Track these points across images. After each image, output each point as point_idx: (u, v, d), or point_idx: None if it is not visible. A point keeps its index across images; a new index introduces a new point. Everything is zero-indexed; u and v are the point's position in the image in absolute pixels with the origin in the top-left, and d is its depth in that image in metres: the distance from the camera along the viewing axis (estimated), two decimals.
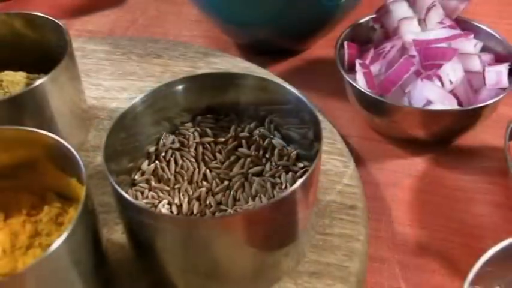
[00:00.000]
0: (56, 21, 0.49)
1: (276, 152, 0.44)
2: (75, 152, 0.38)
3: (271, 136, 0.45)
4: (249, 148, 0.45)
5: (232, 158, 0.44)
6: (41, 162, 0.42)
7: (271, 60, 0.65)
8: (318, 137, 0.39)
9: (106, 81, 0.58)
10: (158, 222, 0.36)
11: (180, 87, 0.44)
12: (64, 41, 0.49)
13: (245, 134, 0.45)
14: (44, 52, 0.52)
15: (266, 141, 0.45)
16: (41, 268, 0.33)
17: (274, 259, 0.39)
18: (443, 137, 0.54)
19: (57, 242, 0.33)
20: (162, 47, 0.62)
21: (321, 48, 0.66)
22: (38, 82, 0.44)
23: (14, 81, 0.49)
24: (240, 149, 0.44)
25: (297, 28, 0.62)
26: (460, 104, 0.52)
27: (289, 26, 0.60)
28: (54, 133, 0.40)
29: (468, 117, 0.51)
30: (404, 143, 0.55)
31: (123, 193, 0.37)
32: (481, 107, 0.50)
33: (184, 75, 0.55)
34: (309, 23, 0.61)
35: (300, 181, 0.36)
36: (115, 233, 0.45)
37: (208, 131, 0.45)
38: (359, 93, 0.53)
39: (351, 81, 0.53)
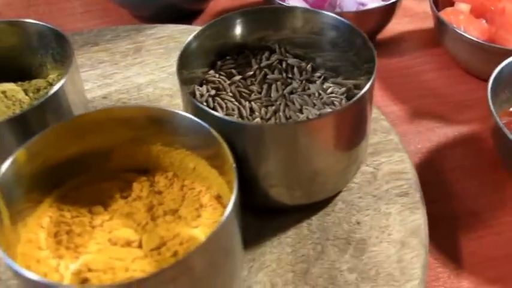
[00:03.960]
0: (42, 23, 0.47)
1: (295, 70, 0.49)
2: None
3: (286, 58, 0.49)
4: (273, 73, 0.49)
5: (265, 86, 0.48)
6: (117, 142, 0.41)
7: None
8: (367, 45, 0.44)
9: None
10: (260, 135, 0.39)
11: (209, 32, 0.46)
12: (43, 42, 0.48)
13: (267, 62, 0.49)
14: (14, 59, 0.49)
15: (284, 64, 0.49)
16: (222, 230, 0.34)
17: (356, 153, 0.44)
18: (371, 34, 0.64)
19: (230, 205, 0.34)
20: (90, 35, 0.61)
21: (219, 1, 0.71)
22: (61, 83, 0.42)
23: (15, 90, 0.46)
24: (268, 77, 0.48)
25: None
26: None
27: None
28: None
29: (391, 10, 0.61)
30: None
31: (224, 116, 0.39)
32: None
33: (132, 51, 0.57)
34: None
35: (370, 81, 0.42)
36: None
37: (233, 70, 0.48)
38: None
39: None
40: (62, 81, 0.43)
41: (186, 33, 0.61)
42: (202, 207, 0.40)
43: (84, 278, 0.35)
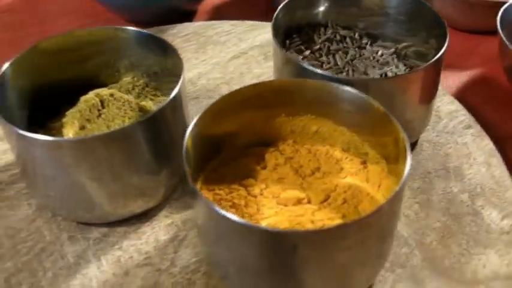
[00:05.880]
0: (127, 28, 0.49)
1: (347, 39, 0.55)
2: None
3: (338, 30, 0.55)
4: (332, 45, 0.54)
5: (330, 56, 0.54)
6: None
7: None
8: (433, 12, 0.51)
9: None
10: (366, 88, 0.44)
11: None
12: (121, 46, 0.50)
13: (325, 36, 0.54)
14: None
15: (338, 35, 0.55)
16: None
17: (434, 101, 0.51)
18: None
19: (409, 154, 0.37)
20: None
21: None
22: (180, 82, 0.44)
23: (117, 92, 0.47)
24: (331, 48, 0.54)
25: None
26: None
27: None
28: (187, 123, 0.45)
29: None
30: None
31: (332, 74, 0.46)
32: None
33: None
34: None
35: (446, 42, 0.48)
36: None
37: (302, 47, 0.53)
38: None
39: None
40: (180, 81, 0.44)
41: (208, 28, 0.64)
42: (339, 161, 0.45)
43: None
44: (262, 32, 0.64)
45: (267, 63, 0.60)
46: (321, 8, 0.55)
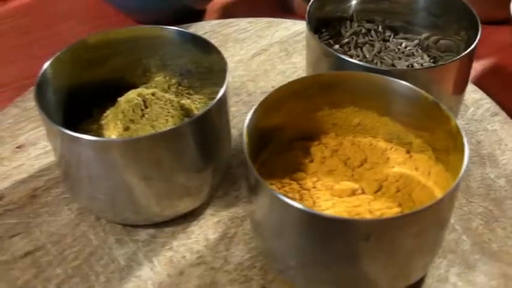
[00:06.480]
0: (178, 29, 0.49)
1: (372, 32, 0.56)
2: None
3: (363, 24, 0.56)
4: (358, 38, 0.55)
5: (358, 49, 0.54)
6: None
7: None
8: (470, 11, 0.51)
9: None
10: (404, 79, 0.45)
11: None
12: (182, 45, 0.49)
13: (352, 30, 0.55)
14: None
15: (363, 29, 0.56)
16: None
17: (462, 96, 0.52)
18: None
19: (466, 145, 0.38)
20: None
21: None
22: (226, 82, 0.43)
23: (158, 91, 0.47)
24: (358, 41, 0.55)
25: None
26: None
27: None
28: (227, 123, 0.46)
29: None
30: None
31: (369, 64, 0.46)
32: None
33: None
34: None
35: (478, 34, 0.49)
36: None
37: (331, 41, 0.54)
38: None
39: None
40: (226, 80, 0.43)
41: (225, 26, 0.64)
42: (384, 151, 0.45)
43: None
44: (279, 29, 0.64)
45: (289, 59, 0.60)
46: (349, 2, 0.55)
